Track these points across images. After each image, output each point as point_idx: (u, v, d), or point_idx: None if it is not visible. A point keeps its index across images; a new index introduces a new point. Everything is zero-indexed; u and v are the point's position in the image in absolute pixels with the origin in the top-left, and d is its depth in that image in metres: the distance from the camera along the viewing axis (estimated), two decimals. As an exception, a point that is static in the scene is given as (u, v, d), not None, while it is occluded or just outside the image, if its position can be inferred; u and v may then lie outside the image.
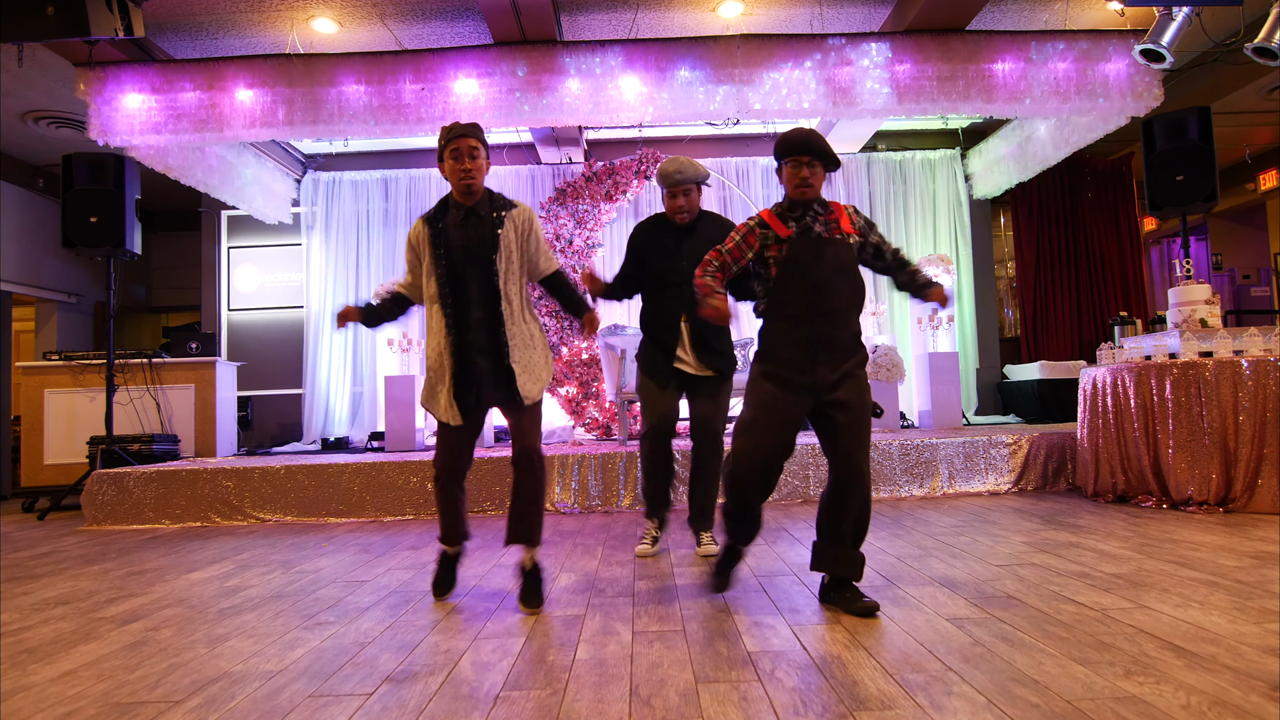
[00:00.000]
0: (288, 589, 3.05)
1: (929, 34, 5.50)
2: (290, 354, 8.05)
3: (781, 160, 2.51)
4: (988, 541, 3.43)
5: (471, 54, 5.52)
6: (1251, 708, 1.62)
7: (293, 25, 5.80)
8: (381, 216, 8.06)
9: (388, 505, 4.91)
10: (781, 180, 2.53)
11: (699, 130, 7.72)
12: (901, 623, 2.30)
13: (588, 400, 6.97)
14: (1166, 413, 4.14)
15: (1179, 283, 4.77)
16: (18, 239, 7.75)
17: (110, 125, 5.49)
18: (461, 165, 2.60)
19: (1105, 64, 5.53)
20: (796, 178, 2.47)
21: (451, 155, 2.61)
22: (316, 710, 1.81)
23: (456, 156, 2.61)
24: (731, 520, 2.57)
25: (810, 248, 2.44)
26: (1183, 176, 5.34)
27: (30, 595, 3.10)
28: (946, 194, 8.01)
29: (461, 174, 2.60)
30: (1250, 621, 2.17)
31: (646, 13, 5.87)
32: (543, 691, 1.88)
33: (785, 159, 2.49)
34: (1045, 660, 1.94)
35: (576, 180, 7.42)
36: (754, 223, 2.54)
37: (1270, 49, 4.51)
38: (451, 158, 2.62)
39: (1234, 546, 3.14)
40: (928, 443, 4.97)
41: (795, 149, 2.47)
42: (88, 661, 2.22)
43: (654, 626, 2.37)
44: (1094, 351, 7.65)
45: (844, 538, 2.44)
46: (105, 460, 5.54)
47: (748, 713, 1.71)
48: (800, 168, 2.46)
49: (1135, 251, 8.28)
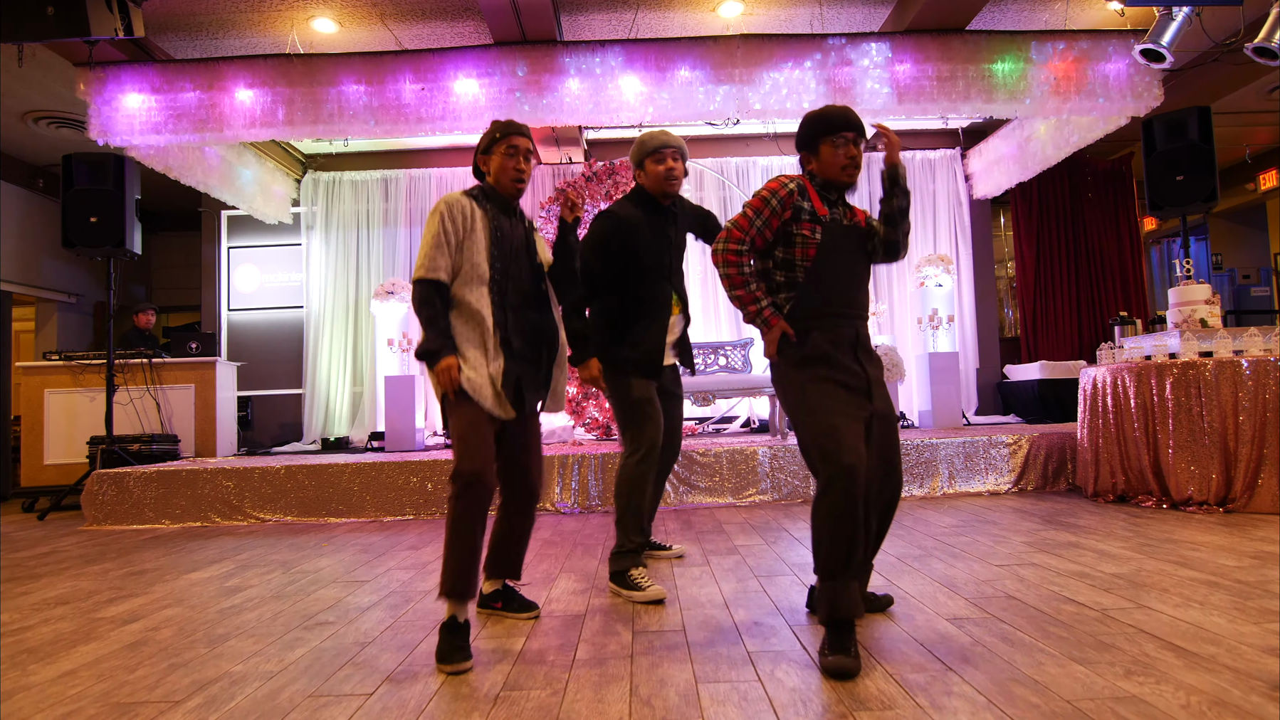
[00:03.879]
0: (288, 589, 3.04)
1: (929, 34, 5.50)
2: (290, 354, 8.05)
3: (821, 139, 2.20)
4: (988, 541, 3.43)
5: (471, 54, 5.52)
6: (1251, 708, 1.62)
7: (293, 25, 5.80)
8: (381, 216, 8.06)
9: (388, 505, 4.91)
10: (813, 165, 2.24)
11: (699, 130, 7.72)
12: (901, 623, 2.30)
13: (588, 400, 6.97)
14: (1166, 413, 4.14)
15: (1179, 283, 4.77)
16: (18, 239, 7.75)
17: (110, 125, 5.49)
18: (517, 165, 2.40)
19: (1105, 64, 5.53)
20: (844, 157, 2.17)
21: (507, 153, 2.40)
22: (316, 710, 1.81)
23: (513, 155, 2.40)
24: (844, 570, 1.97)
25: (846, 235, 2.20)
26: (1183, 176, 5.34)
27: (30, 595, 3.10)
28: (946, 194, 8.01)
29: (516, 174, 2.40)
30: (1250, 621, 2.17)
31: (646, 13, 5.87)
32: (543, 691, 1.88)
33: (827, 137, 2.19)
34: (1045, 660, 1.94)
35: (576, 180, 7.42)
36: (792, 185, 2.17)
37: (1270, 49, 4.51)
38: (507, 155, 2.40)
39: (1234, 546, 3.14)
40: (928, 443, 4.97)
41: (839, 124, 2.18)
42: (88, 661, 2.22)
43: (654, 626, 2.37)
44: (1094, 351, 7.67)
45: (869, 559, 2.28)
46: (105, 460, 5.54)
47: (748, 713, 1.71)
48: (847, 145, 2.18)
49: (1135, 251, 8.29)
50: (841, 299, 2.16)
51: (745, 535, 3.80)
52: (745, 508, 4.72)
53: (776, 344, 2.15)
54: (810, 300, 2.14)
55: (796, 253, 2.15)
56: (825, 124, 2.19)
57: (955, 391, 6.46)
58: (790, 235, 2.16)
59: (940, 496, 4.89)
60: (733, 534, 3.85)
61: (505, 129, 2.41)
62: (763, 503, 4.84)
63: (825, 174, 2.21)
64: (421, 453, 6.02)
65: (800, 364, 2.13)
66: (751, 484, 4.88)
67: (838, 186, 2.22)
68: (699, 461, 4.90)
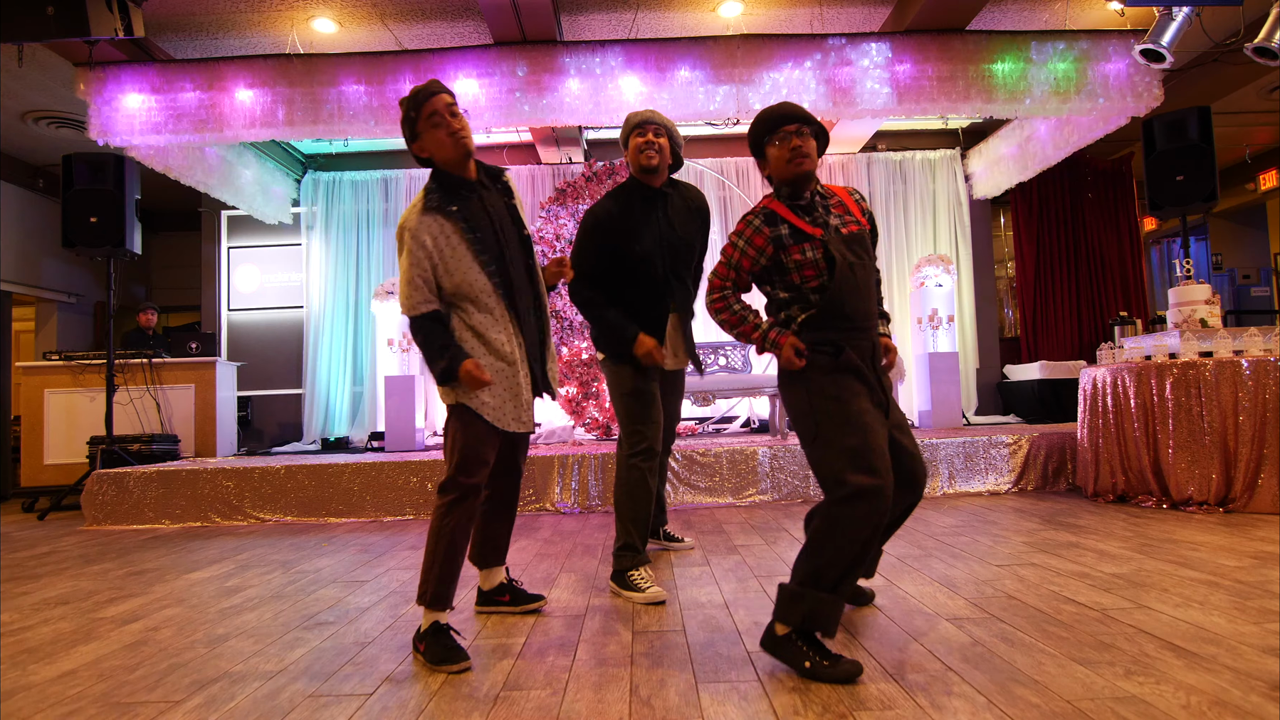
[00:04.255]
0: (288, 589, 3.04)
1: (929, 34, 5.50)
2: (290, 354, 8.05)
3: (764, 142, 2.11)
4: (988, 541, 3.43)
5: (471, 54, 5.53)
6: (1251, 708, 1.62)
7: (293, 25, 5.80)
8: (381, 216, 8.06)
9: (388, 505, 4.91)
10: (767, 170, 2.14)
11: (699, 130, 7.72)
12: (901, 623, 2.30)
13: (588, 400, 6.97)
14: (1166, 413, 4.14)
15: (1179, 283, 4.77)
16: (18, 239, 7.75)
17: (110, 125, 5.49)
18: (449, 129, 2.13)
19: (1105, 64, 5.53)
20: (788, 150, 2.06)
21: (432, 121, 2.13)
22: (316, 710, 1.81)
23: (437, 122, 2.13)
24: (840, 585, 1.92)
25: (849, 245, 2.06)
26: (1183, 176, 5.34)
27: (30, 595, 3.10)
28: (946, 194, 8.01)
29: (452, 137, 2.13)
30: (1250, 621, 2.17)
31: (646, 13, 5.87)
32: (543, 691, 1.88)
33: (769, 137, 2.10)
34: (1045, 660, 1.94)
35: (576, 180, 7.42)
36: (757, 220, 2.08)
37: (1270, 49, 4.51)
38: (432, 124, 2.13)
39: (1234, 546, 3.14)
40: (928, 443, 4.97)
41: (777, 121, 2.08)
42: (88, 661, 2.22)
43: (654, 626, 2.37)
44: (1094, 351, 7.67)
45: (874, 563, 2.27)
46: (105, 460, 5.54)
47: (748, 713, 1.71)
48: (788, 138, 2.06)
49: (1135, 251, 8.29)
50: (859, 312, 2.04)
51: (745, 535, 3.80)
52: (745, 508, 4.72)
53: (794, 350, 2.01)
54: (828, 316, 2.03)
55: (794, 278, 2.05)
56: (765, 125, 2.10)
57: (955, 391, 6.46)
58: (784, 265, 2.05)
59: (940, 496, 4.89)
60: (733, 534, 3.85)
61: (414, 98, 2.15)
62: (763, 503, 4.84)
63: (779, 175, 2.10)
64: (421, 453, 6.02)
65: (833, 371, 2.01)
66: (751, 484, 4.89)
67: (793, 183, 2.08)
68: (699, 461, 4.90)
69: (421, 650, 2.10)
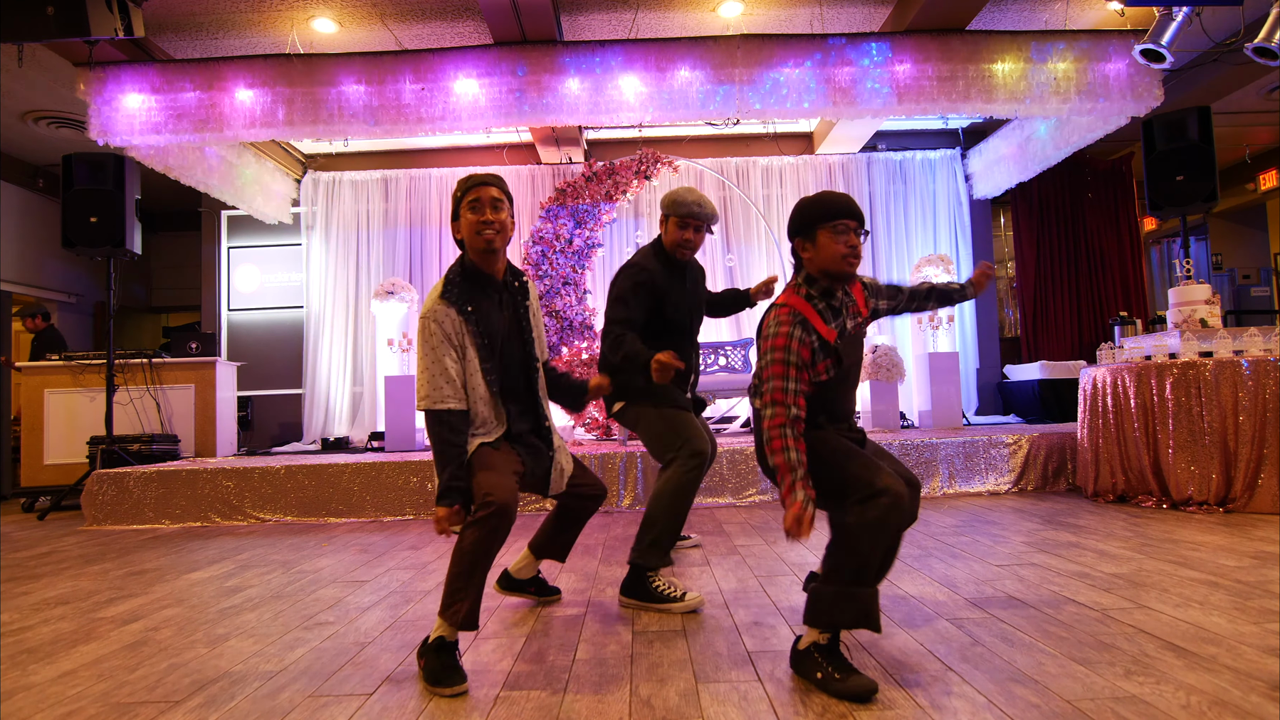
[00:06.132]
0: (288, 589, 3.04)
1: (929, 34, 5.51)
2: (290, 354, 8.06)
3: (819, 224, 1.99)
4: (988, 541, 3.43)
5: (471, 54, 5.53)
6: (1251, 708, 1.62)
7: (293, 25, 5.80)
8: (381, 216, 8.06)
9: (388, 505, 4.91)
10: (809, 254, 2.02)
11: (699, 130, 7.72)
12: (901, 623, 2.30)
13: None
14: (1166, 413, 4.14)
15: (1179, 283, 4.77)
16: (18, 239, 7.76)
17: (110, 125, 5.49)
18: (482, 217, 2.13)
19: (1105, 64, 5.53)
20: (845, 246, 1.97)
21: (471, 207, 2.15)
22: (316, 710, 1.81)
23: (477, 208, 2.14)
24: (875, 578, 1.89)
25: (851, 348, 2.06)
26: (1183, 176, 5.34)
27: (30, 595, 3.10)
28: (946, 194, 8.01)
29: (479, 226, 2.13)
30: (1250, 621, 2.17)
31: (646, 13, 5.87)
32: (543, 691, 1.88)
33: (827, 223, 1.98)
34: (1045, 660, 1.94)
35: (576, 180, 7.42)
36: (797, 331, 1.96)
37: (1270, 49, 4.51)
38: (470, 209, 2.15)
39: (1234, 546, 3.14)
40: (928, 443, 4.97)
41: (841, 211, 1.98)
42: (88, 661, 2.22)
43: (654, 626, 2.37)
44: (1094, 351, 7.67)
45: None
46: (105, 460, 5.54)
47: (748, 713, 1.71)
48: (848, 233, 1.97)
49: (1135, 251, 8.29)
50: (842, 411, 2.10)
51: (745, 535, 3.80)
52: (745, 508, 4.72)
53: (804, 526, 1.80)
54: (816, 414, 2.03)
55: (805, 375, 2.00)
56: (825, 209, 1.98)
57: (955, 392, 6.46)
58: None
59: (940, 496, 4.89)
60: (733, 534, 3.85)
61: (466, 183, 2.17)
62: (763, 503, 4.84)
63: (823, 264, 1.99)
64: (422, 453, 6.02)
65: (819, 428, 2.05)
66: (751, 484, 4.89)
67: (835, 277, 2.00)
68: (699, 461, 4.89)
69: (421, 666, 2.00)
